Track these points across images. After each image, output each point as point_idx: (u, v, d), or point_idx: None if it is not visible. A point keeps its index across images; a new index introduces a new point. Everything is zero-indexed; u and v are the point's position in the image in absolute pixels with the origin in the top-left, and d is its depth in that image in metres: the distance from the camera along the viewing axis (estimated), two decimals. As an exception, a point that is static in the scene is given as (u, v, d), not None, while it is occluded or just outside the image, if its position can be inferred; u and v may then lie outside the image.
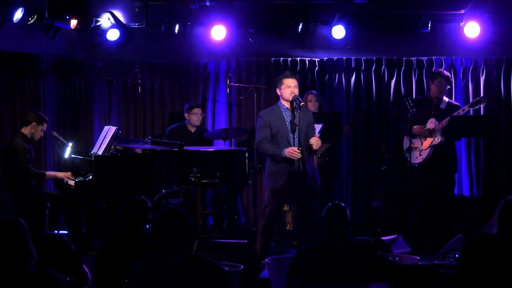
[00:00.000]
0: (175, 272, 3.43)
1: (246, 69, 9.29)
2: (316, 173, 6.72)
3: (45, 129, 7.69)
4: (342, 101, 9.16)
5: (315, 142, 6.49)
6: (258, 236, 6.71)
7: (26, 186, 7.38)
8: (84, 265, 4.20)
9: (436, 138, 7.74)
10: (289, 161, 6.50)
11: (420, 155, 7.82)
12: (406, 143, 7.94)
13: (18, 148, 7.41)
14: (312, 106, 8.20)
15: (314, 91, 8.51)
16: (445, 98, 8.01)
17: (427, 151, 7.78)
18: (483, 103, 7.59)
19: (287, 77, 6.64)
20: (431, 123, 7.81)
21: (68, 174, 7.59)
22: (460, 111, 7.74)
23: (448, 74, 8.08)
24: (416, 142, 7.87)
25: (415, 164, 7.85)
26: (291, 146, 6.54)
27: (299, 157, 6.43)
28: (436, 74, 7.97)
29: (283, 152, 6.46)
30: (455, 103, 8.17)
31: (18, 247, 3.26)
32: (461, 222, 7.72)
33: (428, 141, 7.79)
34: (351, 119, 8.88)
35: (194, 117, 8.57)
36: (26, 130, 7.57)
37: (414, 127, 7.80)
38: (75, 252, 4.18)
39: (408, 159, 7.80)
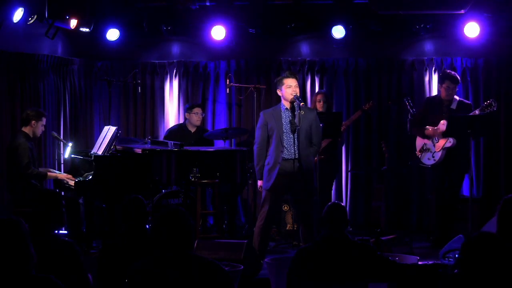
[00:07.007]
0: (175, 272, 3.43)
1: (246, 69, 9.29)
2: (313, 174, 6.71)
3: (44, 123, 7.62)
4: (342, 101, 9.17)
5: None
6: (255, 236, 6.67)
7: (27, 186, 7.35)
8: (89, 275, 4.17)
9: (449, 141, 7.64)
10: (284, 160, 6.51)
11: (433, 157, 7.73)
12: (419, 143, 7.88)
13: (20, 148, 7.33)
14: (321, 107, 8.18)
15: (323, 91, 8.47)
16: (456, 97, 7.81)
17: (440, 153, 7.71)
18: (493, 107, 7.37)
19: (287, 77, 6.62)
20: (443, 125, 7.64)
21: (70, 176, 7.57)
22: (471, 115, 7.58)
23: (456, 75, 7.86)
24: (429, 144, 7.79)
25: (428, 165, 7.81)
26: (285, 147, 6.54)
27: None
28: (444, 78, 7.75)
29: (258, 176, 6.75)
30: (467, 101, 8.02)
31: (19, 248, 3.23)
32: (461, 222, 7.71)
33: (441, 143, 7.68)
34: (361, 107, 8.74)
35: (195, 117, 8.56)
36: (27, 129, 7.53)
37: (427, 127, 7.73)
38: (82, 262, 4.13)
39: (421, 160, 7.78)
